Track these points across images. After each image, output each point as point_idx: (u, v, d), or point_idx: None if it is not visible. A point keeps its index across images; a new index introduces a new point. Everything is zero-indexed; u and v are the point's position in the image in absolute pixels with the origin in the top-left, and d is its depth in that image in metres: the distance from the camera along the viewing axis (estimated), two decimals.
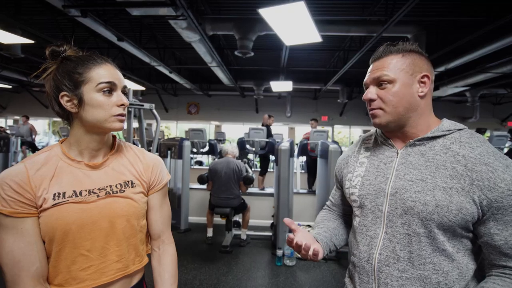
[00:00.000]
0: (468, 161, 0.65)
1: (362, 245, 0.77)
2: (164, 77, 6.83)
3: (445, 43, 4.40)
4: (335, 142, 3.57)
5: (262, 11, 2.64)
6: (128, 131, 2.69)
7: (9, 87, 8.43)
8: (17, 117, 10.15)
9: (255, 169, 6.37)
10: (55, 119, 10.84)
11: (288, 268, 2.96)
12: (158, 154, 3.86)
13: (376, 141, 0.82)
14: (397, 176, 0.72)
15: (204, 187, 3.65)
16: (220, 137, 7.61)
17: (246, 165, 3.73)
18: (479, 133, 0.72)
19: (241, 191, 3.42)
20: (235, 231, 3.74)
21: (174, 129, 10.92)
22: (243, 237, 3.57)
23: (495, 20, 3.45)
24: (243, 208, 3.46)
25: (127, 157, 0.82)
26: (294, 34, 3.18)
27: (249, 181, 3.37)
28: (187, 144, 4.09)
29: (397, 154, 0.75)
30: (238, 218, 3.87)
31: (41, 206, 0.67)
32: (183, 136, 5.52)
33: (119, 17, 3.86)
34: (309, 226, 3.86)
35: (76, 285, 0.70)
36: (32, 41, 3.95)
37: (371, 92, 0.74)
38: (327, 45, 5.54)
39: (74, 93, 0.70)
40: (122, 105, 0.73)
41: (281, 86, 6.50)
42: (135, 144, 0.94)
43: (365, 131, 10.13)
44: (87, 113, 0.70)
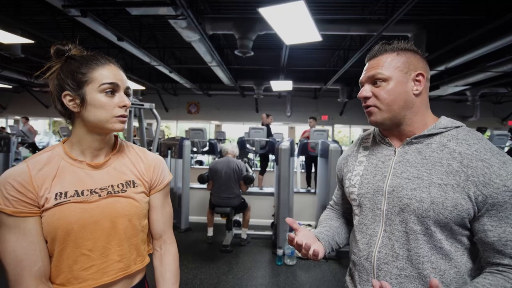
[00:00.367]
0: (464, 158, 0.65)
1: (361, 244, 0.77)
2: (164, 76, 6.83)
3: (445, 42, 4.39)
4: (335, 141, 3.57)
5: (262, 10, 2.64)
6: (128, 131, 2.69)
7: (10, 87, 8.43)
8: (17, 117, 10.16)
9: (255, 169, 6.37)
10: (56, 119, 10.85)
11: (288, 267, 2.97)
12: (158, 153, 3.86)
13: (374, 140, 0.83)
14: (394, 174, 0.73)
15: (204, 186, 3.65)
16: (220, 136, 7.61)
17: (246, 164, 3.73)
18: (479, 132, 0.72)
19: (241, 190, 3.42)
20: (235, 231, 3.74)
21: (174, 128, 10.92)
22: (244, 236, 3.57)
23: (495, 19, 3.45)
24: (243, 207, 3.47)
25: (129, 157, 0.82)
26: (294, 33, 3.18)
27: (249, 181, 3.37)
28: (187, 143, 4.09)
29: (395, 152, 0.75)
30: (238, 217, 3.87)
31: (43, 205, 0.67)
32: (183, 135, 5.52)
33: (119, 17, 3.86)
34: (309, 225, 3.86)
35: (78, 285, 0.70)
36: (32, 41, 3.95)
37: (365, 90, 0.75)
38: (327, 44, 5.54)
39: (76, 93, 0.70)
40: (124, 106, 0.73)
41: (281, 85, 6.50)
42: (135, 143, 0.94)
43: (365, 130, 10.07)
44: (89, 113, 0.71)
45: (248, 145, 4.89)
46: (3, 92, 9.57)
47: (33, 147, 7.37)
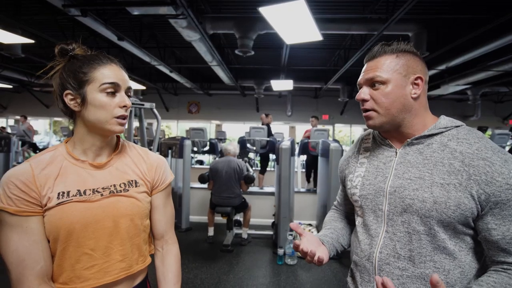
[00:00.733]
0: (465, 157, 0.65)
1: (363, 244, 0.77)
2: (164, 76, 6.82)
3: (446, 41, 4.38)
4: (336, 140, 3.57)
5: (262, 10, 2.63)
6: (129, 131, 2.69)
7: (10, 87, 8.43)
8: (18, 117, 10.17)
9: (255, 168, 6.37)
10: (56, 118, 10.86)
11: (289, 267, 2.97)
12: (159, 153, 3.86)
13: (375, 141, 0.83)
14: (395, 175, 0.72)
15: (205, 186, 3.65)
16: (220, 136, 7.62)
17: (247, 164, 3.73)
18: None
19: (242, 190, 3.42)
20: (236, 230, 3.74)
21: (174, 128, 10.93)
22: (244, 236, 3.57)
23: (496, 18, 3.44)
24: (244, 207, 3.47)
25: (131, 157, 0.82)
26: (294, 32, 3.18)
27: (250, 180, 3.37)
28: (188, 143, 4.09)
29: (396, 153, 0.75)
30: (239, 217, 3.87)
31: (46, 205, 0.67)
32: (184, 135, 5.52)
33: (119, 17, 3.85)
34: (310, 225, 3.86)
35: (80, 284, 0.70)
36: (32, 41, 3.95)
37: (364, 92, 0.74)
38: (327, 44, 5.53)
39: (77, 92, 0.70)
40: (124, 106, 0.73)
41: (282, 85, 6.50)
42: (135, 143, 0.94)
43: (365, 130, 10.09)
44: (89, 112, 0.71)
45: (248, 145, 4.89)
46: (4, 92, 9.57)
47: (34, 147, 7.38)
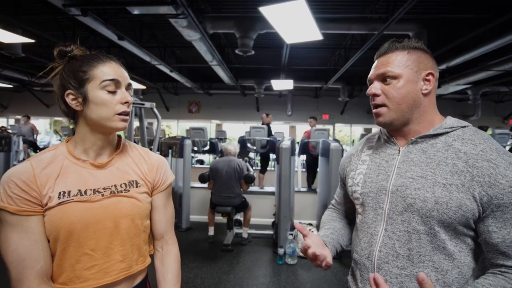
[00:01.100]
0: (469, 158, 0.64)
1: (363, 242, 0.77)
2: (164, 76, 6.83)
3: (446, 40, 4.38)
4: (336, 140, 3.57)
5: (262, 9, 2.63)
6: (129, 130, 2.69)
7: (10, 86, 8.44)
8: (18, 117, 10.18)
9: (255, 168, 6.37)
10: (56, 118, 10.87)
11: (289, 266, 2.97)
12: (159, 153, 3.86)
13: (379, 140, 0.83)
14: (398, 173, 0.72)
15: (205, 186, 3.65)
16: (221, 135, 7.62)
17: (247, 163, 3.73)
18: None
19: (242, 189, 3.42)
20: (236, 230, 3.74)
21: (175, 128, 10.93)
22: (245, 235, 3.57)
23: (496, 17, 3.43)
24: (244, 206, 3.47)
25: (132, 157, 0.82)
26: (295, 32, 3.18)
27: (250, 180, 3.37)
28: (188, 143, 4.09)
29: (399, 151, 0.75)
30: (239, 216, 3.87)
31: (46, 204, 0.67)
32: (184, 135, 5.52)
33: (120, 16, 3.85)
34: (310, 224, 3.86)
35: (80, 284, 0.70)
36: (32, 40, 3.95)
37: (375, 87, 0.74)
38: (328, 43, 5.52)
39: (79, 91, 0.71)
40: (126, 102, 0.73)
41: (282, 84, 6.49)
42: (135, 142, 0.94)
43: (366, 129, 10.13)
44: (91, 111, 0.71)
45: (249, 144, 4.89)
46: (4, 91, 9.58)
47: (34, 147, 7.38)
